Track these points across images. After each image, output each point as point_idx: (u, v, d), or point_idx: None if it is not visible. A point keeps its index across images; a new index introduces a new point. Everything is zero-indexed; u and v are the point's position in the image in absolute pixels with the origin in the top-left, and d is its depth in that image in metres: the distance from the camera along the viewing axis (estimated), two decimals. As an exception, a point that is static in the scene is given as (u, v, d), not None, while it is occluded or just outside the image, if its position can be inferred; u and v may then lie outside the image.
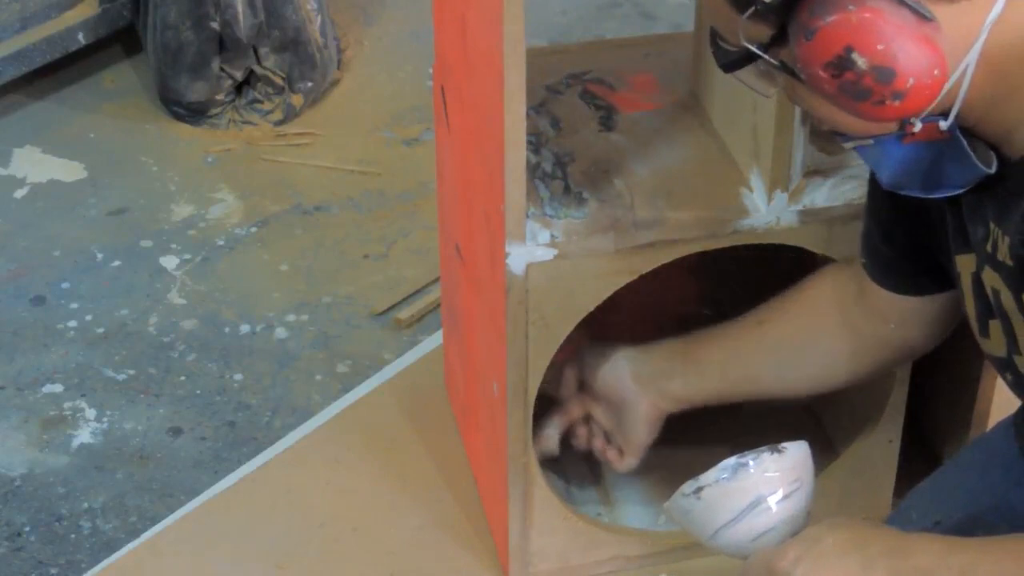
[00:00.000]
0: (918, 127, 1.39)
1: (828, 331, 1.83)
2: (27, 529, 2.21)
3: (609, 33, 3.36)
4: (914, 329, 1.76)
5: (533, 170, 1.89)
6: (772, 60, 1.38)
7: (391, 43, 3.34)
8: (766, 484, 1.53)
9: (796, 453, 1.55)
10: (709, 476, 1.54)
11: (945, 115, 1.38)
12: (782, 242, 1.88)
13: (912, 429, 2.08)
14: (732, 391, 1.91)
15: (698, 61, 2.01)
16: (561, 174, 1.90)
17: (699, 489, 1.54)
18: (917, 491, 1.75)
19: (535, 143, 1.94)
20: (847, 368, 1.85)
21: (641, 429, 1.94)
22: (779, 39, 1.36)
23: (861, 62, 1.31)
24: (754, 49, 1.38)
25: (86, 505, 2.25)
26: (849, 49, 1.31)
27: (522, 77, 1.65)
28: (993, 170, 1.41)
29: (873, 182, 1.66)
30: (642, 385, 1.92)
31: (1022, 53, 1.35)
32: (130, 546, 2.15)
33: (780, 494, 1.53)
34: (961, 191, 1.46)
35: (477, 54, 1.80)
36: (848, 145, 1.47)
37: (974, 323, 1.55)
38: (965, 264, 1.52)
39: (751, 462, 1.53)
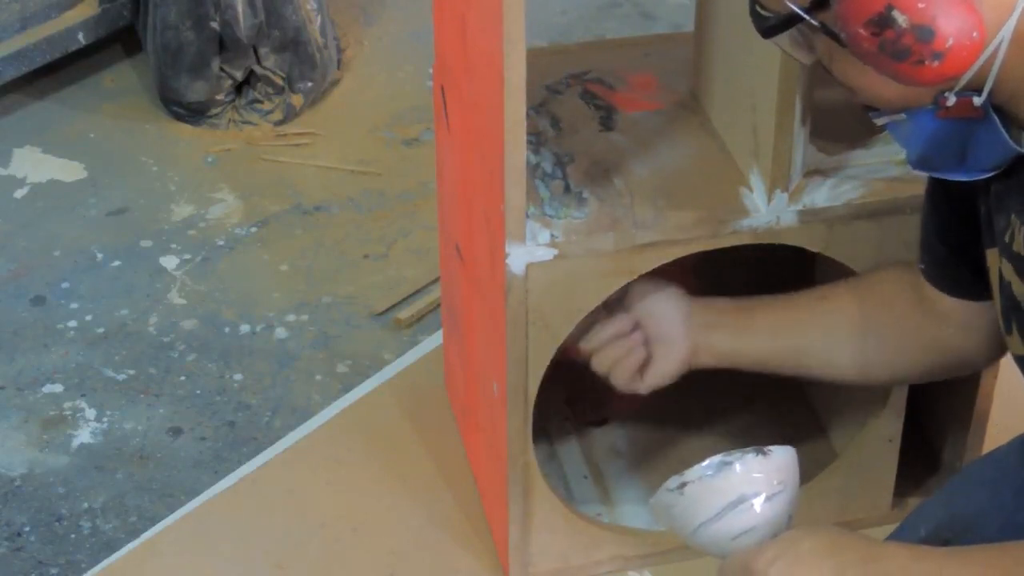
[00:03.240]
0: (952, 101, 1.40)
1: (889, 322, 1.78)
2: (27, 529, 2.21)
3: (609, 33, 3.36)
4: (973, 336, 1.72)
5: (533, 170, 1.89)
6: (813, 22, 1.38)
7: (391, 43, 3.34)
8: (749, 484, 1.54)
9: (781, 457, 1.56)
10: (693, 472, 1.55)
11: (979, 91, 1.39)
12: (782, 242, 1.88)
13: (912, 429, 2.08)
14: (777, 360, 1.85)
15: (698, 61, 2.01)
16: (561, 174, 1.90)
17: (683, 485, 1.55)
18: (928, 505, 1.74)
19: (535, 143, 1.94)
20: (899, 362, 1.80)
21: (668, 368, 1.86)
22: (820, 2, 1.37)
23: (901, 20, 1.31)
24: (796, 10, 1.38)
25: (86, 505, 2.25)
26: (890, 7, 1.31)
27: (522, 77, 1.65)
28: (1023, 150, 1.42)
29: (931, 179, 1.65)
30: (688, 328, 1.85)
31: None
32: (130, 546, 2.15)
33: (762, 496, 1.54)
34: (989, 174, 1.46)
35: (477, 54, 1.80)
36: (880, 121, 1.47)
37: (1000, 320, 1.54)
38: (994, 259, 1.52)
39: (736, 462, 1.54)
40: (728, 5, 1.88)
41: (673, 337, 1.86)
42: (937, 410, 2.15)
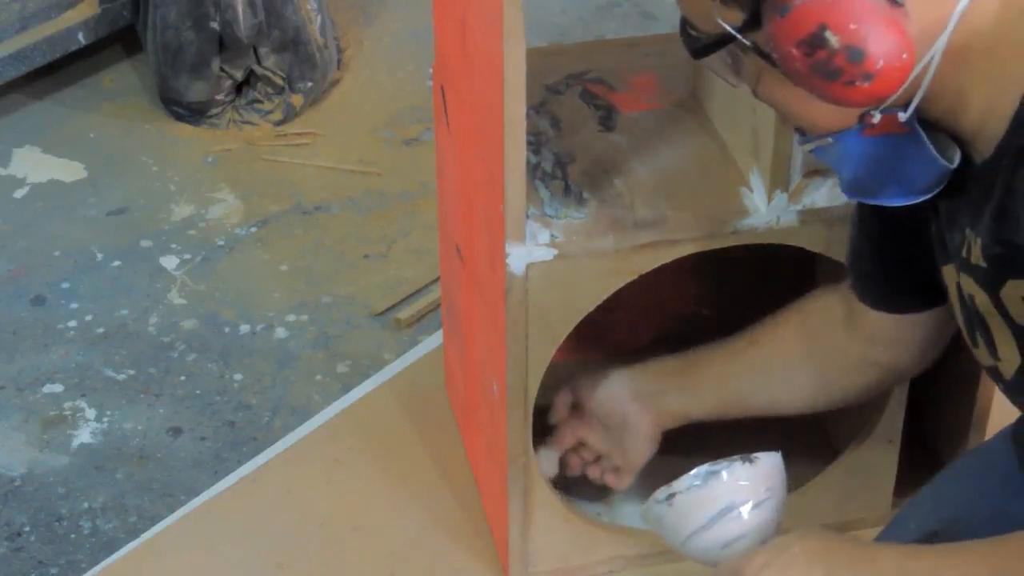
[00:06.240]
0: (877, 118, 1.40)
1: (818, 354, 1.84)
2: (27, 529, 2.21)
3: (609, 33, 3.36)
4: (902, 350, 1.77)
5: (533, 170, 1.89)
6: (745, 42, 1.39)
7: (391, 43, 3.35)
8: (737, 492, 1.55)
9: (768, 463, 1.57)
10: (681, 483, 1.56)
11: (906, 107, 1.39)
12: (782, 242, 1.88)
13: (912, 429, 2.08)
14: (726, 410, 1.93)
15: (698, 61, 2.01)
16: (561, 174, 1.90)
17: (671, 496, 1.56)
18: (916, 500, 1.76)
19: (535, 143, 1.94)
20: (838, 390, 1.86)
21: (642, 448, 1.96)
22: (752, 23, 1.38)
23: (834, 40, 1.32)
24: (729, 29, 1.39)
25: (86, 505, 2.25)
26: (823, 27, 1.32)
27: (522, 77, 1.65)
28: (954, 165, 1.43)
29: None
30: (642, 403, 1.94)
31: (986, 47, 1.36)
32: (130, 546, 2.15)
33: (750, 503, 1.55)
34: (928, 195, 1.46)
35: (477, 54, 1.80)
36: (807, 147, 1.48)
37: (965, 334, 1.55)
38: (950, 275, 1.53)
39: (723, 471, 1.55)
40: (728, 5, 1.88)
41: (632, 420, 1.94)
42: (937, 410, 2.15)
